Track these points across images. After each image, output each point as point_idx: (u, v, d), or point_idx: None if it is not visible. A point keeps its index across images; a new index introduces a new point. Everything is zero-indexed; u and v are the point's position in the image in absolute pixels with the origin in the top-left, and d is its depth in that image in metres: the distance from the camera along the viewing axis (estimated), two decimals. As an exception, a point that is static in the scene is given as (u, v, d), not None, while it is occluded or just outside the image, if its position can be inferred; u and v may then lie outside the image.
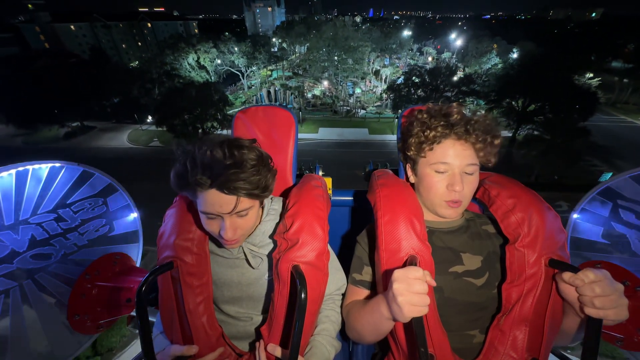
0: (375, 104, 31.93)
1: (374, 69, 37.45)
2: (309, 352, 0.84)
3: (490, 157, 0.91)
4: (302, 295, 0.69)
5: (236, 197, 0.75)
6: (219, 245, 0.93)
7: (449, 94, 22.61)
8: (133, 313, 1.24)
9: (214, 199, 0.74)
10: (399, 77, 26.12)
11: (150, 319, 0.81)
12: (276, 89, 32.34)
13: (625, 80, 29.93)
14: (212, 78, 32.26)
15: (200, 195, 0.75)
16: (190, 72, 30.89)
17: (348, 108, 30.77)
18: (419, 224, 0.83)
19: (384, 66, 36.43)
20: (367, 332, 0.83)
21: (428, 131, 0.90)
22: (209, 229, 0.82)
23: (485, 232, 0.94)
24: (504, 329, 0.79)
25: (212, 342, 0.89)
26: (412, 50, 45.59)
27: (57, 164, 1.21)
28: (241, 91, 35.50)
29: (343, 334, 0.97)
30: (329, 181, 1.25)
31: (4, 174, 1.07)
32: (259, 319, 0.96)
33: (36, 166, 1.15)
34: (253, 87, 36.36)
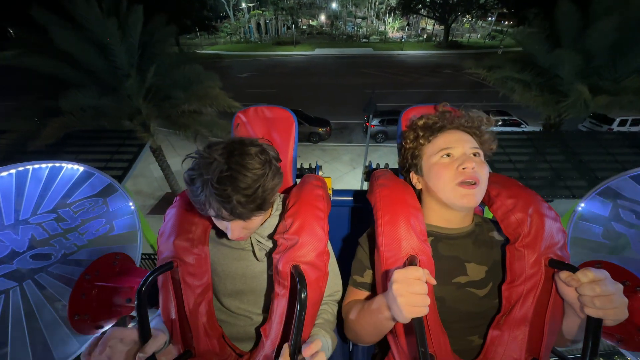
0: (380, 38, 29.29)
1: (377, 10, 34.89)
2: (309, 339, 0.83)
3: (491, 146, 0.95)
4: (302, 295, 0.69)
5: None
6: (226, 235, 0.94)
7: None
8: (133, 313, 1.24)
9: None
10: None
11: (150, 318, 0.81)
12: (267, 20, 29.78)
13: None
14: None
15: None
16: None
17: (348, 35, 27.98)
18: (419, 224, 0.83)
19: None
20: (366, 332, 0.83)
21: (428, 121, 0.94)
22: (218, 225, 0.84)
23: (491, 240, 0.91)
24: (504, 329, 0.78)
25: (213, 342, 0.89)
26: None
27: (58, 164, 1.21)
28: (228, 25, 31.31)
29: (343, 335, 0.97)
30: (329, 181, 1.25)
31: (4, 173, 1.06)
32: (259, 319, 0.96)
33: (36, 166, 1.15)
34: (242, 21, 32.49)
